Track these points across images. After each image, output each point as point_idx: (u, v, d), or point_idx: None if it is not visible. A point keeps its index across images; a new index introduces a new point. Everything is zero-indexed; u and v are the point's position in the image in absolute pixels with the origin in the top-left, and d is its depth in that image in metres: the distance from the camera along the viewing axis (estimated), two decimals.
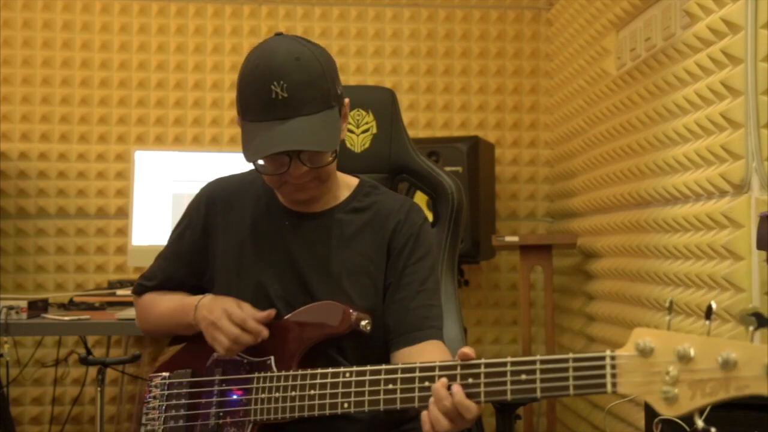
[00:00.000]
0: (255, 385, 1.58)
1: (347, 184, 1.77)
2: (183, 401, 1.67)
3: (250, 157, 1.56)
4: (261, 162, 1.61)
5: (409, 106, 3.83)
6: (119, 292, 3.19)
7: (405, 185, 2.40)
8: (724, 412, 1.85)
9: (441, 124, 3.87)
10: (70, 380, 3.65)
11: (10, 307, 2.72)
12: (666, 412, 1.08)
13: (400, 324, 1.64)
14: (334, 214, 1.71)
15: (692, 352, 1.08)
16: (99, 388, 2.61)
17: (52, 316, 2.84)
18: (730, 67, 2.19)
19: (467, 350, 1.34)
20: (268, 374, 1.57)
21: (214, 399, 1.62)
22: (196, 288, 1.80)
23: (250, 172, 1.83)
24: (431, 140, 3.61)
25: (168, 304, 1.77)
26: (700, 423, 1.07)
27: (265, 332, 1.57)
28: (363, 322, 1.57)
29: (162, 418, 1.68)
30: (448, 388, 1.33)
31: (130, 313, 2.79)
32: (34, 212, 3.68)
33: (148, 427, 1.69)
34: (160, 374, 1.74)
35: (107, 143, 3.73)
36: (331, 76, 1.59)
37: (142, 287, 1.87)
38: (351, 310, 1.58)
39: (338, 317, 1.58)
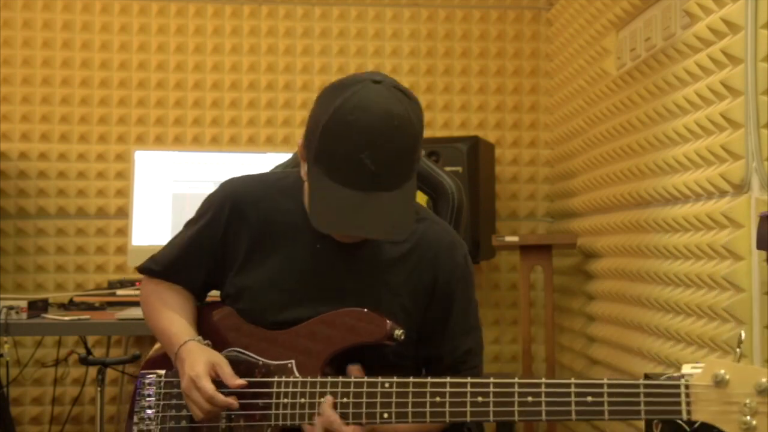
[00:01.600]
0: (275, 390, 1.53)
1: None
2: (184, 401, 1.61)
3: (321, 227, 1.48)
4: None
5: None
6: (119, 292, 3.19)
7: None
8: None
9: (441, 124, 3.86)
10: (70, 380, 3.65)
11: (10, 307, 2.73)
12: None
13: (438, 364, 1.64)
14: (372, 243, 1.61)
15: None
16: (99, 388, 2.61)
17: (52, 316, 2.84)
18: (730, 67, 2.19)
19: (354, 369, 1.44)
20: (291, 379, 1.52)
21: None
22: (206, 286, 1.75)
23: (276, 174, 1.77)
24: (431, 140, 3.61)
25: (163, 324, 1.69)
26: None
27: (234, 404, 1.52)
28: (398, 332, 1.51)
29: (159, 418, 1.62)
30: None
31: (130, 313, 2.79)
32: (34, 212, 3.68)
33: (141, 426, 1.62)
34: (154, 372, 1.66)
35: (107, 143, 3.73)
36: (420, 143, 1.51)
37: (149, 270, 1.77)
38: (386, 318, 1.53)
39: (373, 324, 1.53)
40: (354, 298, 1.58)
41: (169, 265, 1.75)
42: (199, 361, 1.55)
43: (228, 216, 1.67)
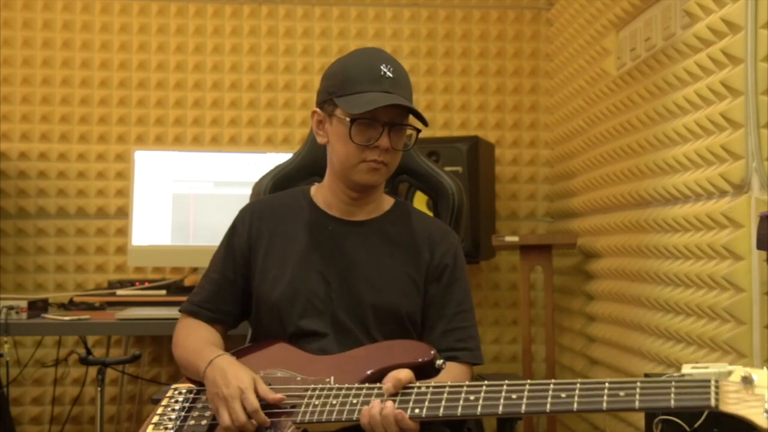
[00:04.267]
0: (309, 392, 1.58)
1: (386, 198, 1.91)
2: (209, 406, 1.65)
3: (362, 108, 1.67)
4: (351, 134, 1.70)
5: None
6: (119, 292, 3.20)
7: (405, 186, 2.40)
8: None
9: (441, 124, 3.87)
10: (70, 380, 3.65)
11: (10, 307, 2.73)
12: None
13: (437, 344, 1.72)
14: (377, 224, 1.84)
15: None
16: (99, 388, 2.61)
17: (52, 316, 2.84)
18: (730, 67, 2.19)
19: (401, 376, 1.50)
20: (327, 385, 1.58)
21: None
22: (248, 296, 1.84)
23: (290, 192, 1.94)
24: (431, 140, 3.60)
25: (195, 343, 1.79)
26: None
27: (268, 423, 1.57)
28: (439, 362, 1.59)
29: (181, 417, 1.67)
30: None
31: (130, 313, 2.79)
32: (34, 212, 3.68)
33: (164, 426, 1.67)
34: (187, 386, 1.74)
35: (107, 143, 3.73)
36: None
37: (189, 305, 1.89)
38: (431, 348, 1.61)
39: (417, 350, 1.61)
40: (366, 267, 1.77)
41: (205, 289, 1.88)
42: (244, 374, 1.62)
43: (249, 221, 1.87)
